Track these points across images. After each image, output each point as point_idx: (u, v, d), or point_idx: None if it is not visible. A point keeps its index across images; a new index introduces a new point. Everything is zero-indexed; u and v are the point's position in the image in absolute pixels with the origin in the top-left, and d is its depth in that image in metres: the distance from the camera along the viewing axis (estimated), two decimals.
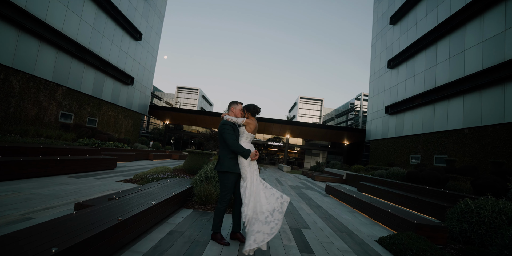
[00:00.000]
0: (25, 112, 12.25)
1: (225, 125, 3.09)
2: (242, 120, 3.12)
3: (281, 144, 35.51)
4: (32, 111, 12.63)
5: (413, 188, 8.31)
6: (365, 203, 5.80)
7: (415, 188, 8.21)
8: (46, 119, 13.53)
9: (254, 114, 3.18)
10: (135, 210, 2.76)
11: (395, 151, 19.64)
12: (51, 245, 1.65)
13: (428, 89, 16.09)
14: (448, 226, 4.01)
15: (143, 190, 4.07)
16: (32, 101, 12.50)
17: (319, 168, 21.67)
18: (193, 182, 5.19)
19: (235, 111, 3.27)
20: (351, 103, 53.11)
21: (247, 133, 3.11)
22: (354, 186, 12.72)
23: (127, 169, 9.18)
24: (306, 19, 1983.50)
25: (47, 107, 13.45)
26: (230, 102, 3.36)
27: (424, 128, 16.33)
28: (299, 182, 12.35)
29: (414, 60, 18.18)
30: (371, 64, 26.06)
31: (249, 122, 3.11)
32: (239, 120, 3.13)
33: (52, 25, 12.81)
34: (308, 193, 8.59)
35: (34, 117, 12.79)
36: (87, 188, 5.16)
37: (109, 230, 2.18)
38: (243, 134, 3.12)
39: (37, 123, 12.95)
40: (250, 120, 3.14)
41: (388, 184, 9.90)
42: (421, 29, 17.63)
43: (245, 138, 3.12)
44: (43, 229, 1.92)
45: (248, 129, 3.11)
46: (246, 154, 2.99)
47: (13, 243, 1.63)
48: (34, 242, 1.69)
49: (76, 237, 1.84)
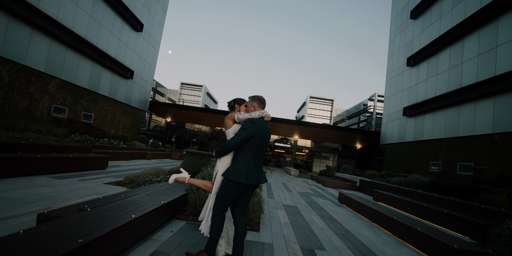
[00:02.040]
0: (15, 104, 11.93)
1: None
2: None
3: (288, 145, 34.91)
4: (23, 104, 12.31)
5: (439, 199, 7.69)
6: (387, 217, 5.23)
7: (441, 200, 7.58)
8: (38, 113, 13.21)
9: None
10: (107, 227, 2.26)
11: (413, 157, 18.90)
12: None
13: (452, 89, 15.34)
14: (495, 253, 3.43)
15: (126, 197, 3.58)
16: (22, 93, 12.17)
17: (329, 172, 21.03)
18: (188, 188, 4.69)
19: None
20: (364, 104, 52.19)
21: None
22: (369, 194, 12.12)
23: (120, 170, 8.73)
24: (316, 15, 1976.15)
25: (39, 100, 13.13)
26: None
27: (447, 132, 15.59)
28: (309, 188, 11.79)
29: (437, 58, 17.42)
30: (388, 62, 25.30)
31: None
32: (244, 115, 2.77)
33: (45, 12, 12.46)
34: (319, 202, 8.03)
35: (25, 110, 12.47)
36: (67, 192, 4.70)
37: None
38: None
39: (27, 117, 12.63)
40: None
41: (408, 194, 9.27)
42: (445, 24, 16.87)
43: None
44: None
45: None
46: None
47: None
48: None
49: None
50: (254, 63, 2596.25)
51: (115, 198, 3.49)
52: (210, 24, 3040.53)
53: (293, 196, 8.60)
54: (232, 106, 2.86)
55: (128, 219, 2.56)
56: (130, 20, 20.03)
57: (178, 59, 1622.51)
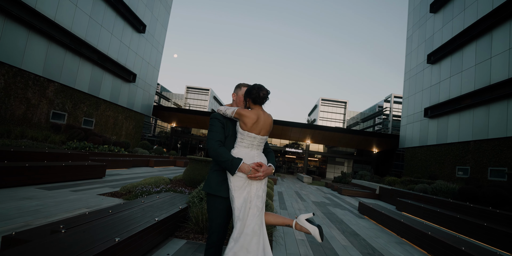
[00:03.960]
0: (11, 110, 11.82)
1: (212, 119, 2.17)
2: (233, 110, 2.13)
3: (300, 150, 34.31)
4: (19, 109, 12.20)
5: (474, 210, 7.07)
6: (420, 233, 4.69)
7: (478, 210, 6.96)
8: (36, 119, 13.09)
9: (256, 101, 2.14)
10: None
11: (436, 161, 18.12)
12: None
13: (480, 87, 14.62)
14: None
15: (116, 213, 3.18)
16: (19, 98, 12.07)
17: (345, 179, 20.36)
18: (189, 200, 4.27)
19: (237, 99, 2.33)
20: (379, 105, 51.29)
21: (241, 131, 2.10)
22: (390, 202, 11.51)
23: (118, 179, 8.40)
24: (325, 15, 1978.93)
25: (36, 105, 13.02)
26: (236, 86, 2.41)
27: (474, 134, 14.83)
28: (324, 197, 11.24)
29: (461, 53, 16.72)
30: (406, 59, 24.62)
31: (244, 113, 2.08)
32: (229, 110, 2.14)
33: (42, 13, 12.40)
34: (337, 213, 7.51)
35: (22, 116, 12.35)
36: (54, 205, 4.34)
37: None
38: (238, 133, 2.14)
39: (24, 123, 12.51)
40: (246, 110, 2.11)
41: (437, 203, 8.66)
42: (470, 16, 16.20)
43: (241, 138, 2.11)
44: None
45: (242, 124, 2.09)
46: (231, 164, 1.97)
47: None
48: None
49: None
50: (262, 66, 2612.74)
51: (102, 214, 3.09)
52: (216, 24, 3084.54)
53: (308, 207, 8.10)
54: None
55: (110, 244, 2.15)
56: (132, 21, 20.00)
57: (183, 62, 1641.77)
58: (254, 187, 2.02)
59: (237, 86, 2.36)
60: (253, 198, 1.99)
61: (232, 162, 1.96)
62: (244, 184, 2.00)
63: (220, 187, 2.08)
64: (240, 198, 1.98)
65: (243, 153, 2.07)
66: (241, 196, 1.98)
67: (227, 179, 2.09)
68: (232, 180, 2.01)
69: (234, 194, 1.98)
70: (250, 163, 2.02)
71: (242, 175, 2.00)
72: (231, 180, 2.01)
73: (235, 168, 1.96)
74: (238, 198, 1.98)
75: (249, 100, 2.15)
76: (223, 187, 2.08)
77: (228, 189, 2.07)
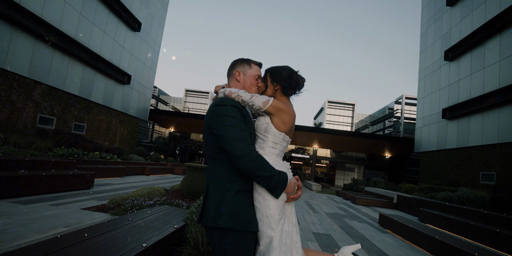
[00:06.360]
0: None
1: (228, 107, 1.47)
2: (265, 100, 1.52)
3: (307, 156, 33.68)
4: (3, 113, 11.76)
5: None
6: (462, 252, 4.10)
7: None
8: (21, 124, 12.65)
9: (288, 91, 1.61)
10: None
11: (457, 167, 17.47)
12: None
13: (505, 85, 14.03)
14: None
15: (92, 237, 2.63)
16: (2, 101, 11.63)
17: (357, 186, 19.71)
18: (187, 217, 3.74)
19: (244, 80, 1.68)
20: (389, 107, 50.66)
21: (276, 133, 1.53)
22: (410, 213, 10.91)
23: (108, 189, 7.88)
24: (330, 13, 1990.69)
25: (21, 109, 12.58)
26: (234, 61, 1.77)
27: (500, 137, 14.21)
28: (337, 207, 10.65)
29: (483, 48, 16.18)
30: (420, 57, 24.11)
31: (284, 107, 1.52)
32: (258, 99, 1.52)
33: (28, 9, 12.00)
34: (356, 227, 6.92)
35: (5, 120, 11.90)
36: (25, 224, 3.81)
37: None
38: (268, 134, 1.54)
39: (8, 128, 12.05)
40: (284, 103, 1.56)
41: (467, 214, 8.05)
42: (492, 8, 15.69)
43: (273, 143, 1.54)
44: None
45: (280, 123, 1.53)
46: (279, 181, 1.37)
47: None
48: None
49: None
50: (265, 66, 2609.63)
51: (75, 239, 2.54)
52: (217, 24, 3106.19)
53: (322, 220, 7.52)
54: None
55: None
56: (126, 18, 19.65)
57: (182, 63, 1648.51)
58: (288, 212, 1.49)
59: (239, 61, 1.74)
60: (293, 230, 1.45)
61: (280, 178, 1.38)
62: (282, 209, 1.45)
63: (254, 216, 1.44)
64: (279, 233, 1.40)
65: (279, 165, 1.50)
66: (281, 229, 1.41)
67: (253, 204, 1.48)
68: (272, 205, 1.41)
69: (273, 226, 1.39)
70: (291, 179, 1.47)
71: (284, 197, 1.44)
72: (270, 206, 1.41)
73: (283, 187, 1.39)
74: (278, 232, 1.40)
75: (279, 87, 1.59)
76: (255, 216, 1.46)
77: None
